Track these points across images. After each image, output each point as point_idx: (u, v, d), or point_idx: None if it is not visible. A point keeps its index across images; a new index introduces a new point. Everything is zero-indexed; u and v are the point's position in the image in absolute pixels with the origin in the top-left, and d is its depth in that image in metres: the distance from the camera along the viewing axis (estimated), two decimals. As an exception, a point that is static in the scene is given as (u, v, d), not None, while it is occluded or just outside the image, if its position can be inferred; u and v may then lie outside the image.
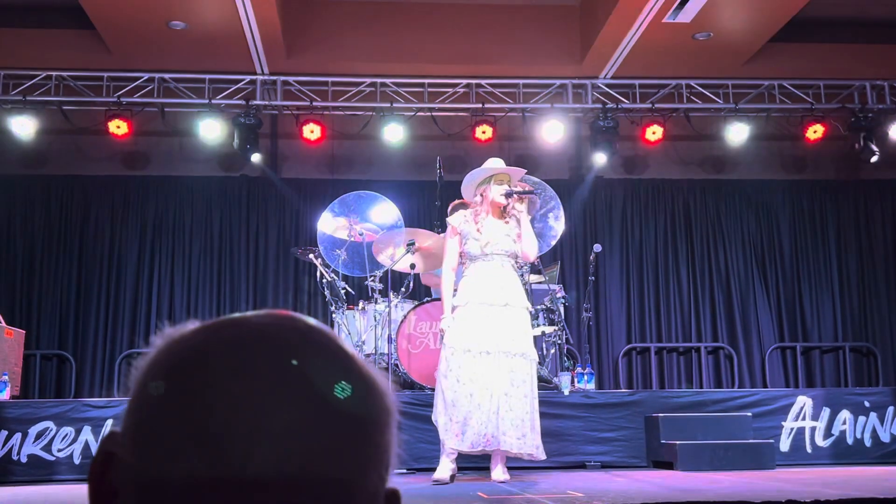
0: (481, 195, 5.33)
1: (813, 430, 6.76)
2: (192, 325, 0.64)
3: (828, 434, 6.78)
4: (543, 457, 5.14)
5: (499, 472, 5.09)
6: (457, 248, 5.33)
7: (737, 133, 9.34)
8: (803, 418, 6.77)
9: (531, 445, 5.02)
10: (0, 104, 8.85)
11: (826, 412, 6.80)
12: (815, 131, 9.36)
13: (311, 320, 0.65)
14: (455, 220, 5.37)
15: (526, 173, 5.72)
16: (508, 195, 5.28)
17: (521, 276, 7.06)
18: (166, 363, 0.61)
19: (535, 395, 5.15)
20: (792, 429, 6.74)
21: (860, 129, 9.24)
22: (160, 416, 0.58)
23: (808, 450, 6.72)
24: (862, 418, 6.82)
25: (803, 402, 6.81)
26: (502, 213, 5.32)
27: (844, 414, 6.81)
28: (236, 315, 0.64)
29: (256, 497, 0.56)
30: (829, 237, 10.15)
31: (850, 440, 6.78)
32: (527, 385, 5.06)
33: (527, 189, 5.45)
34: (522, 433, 4.98)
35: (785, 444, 6.69)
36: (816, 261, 10.09)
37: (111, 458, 0.61)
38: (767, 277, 9.99)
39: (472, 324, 5.11)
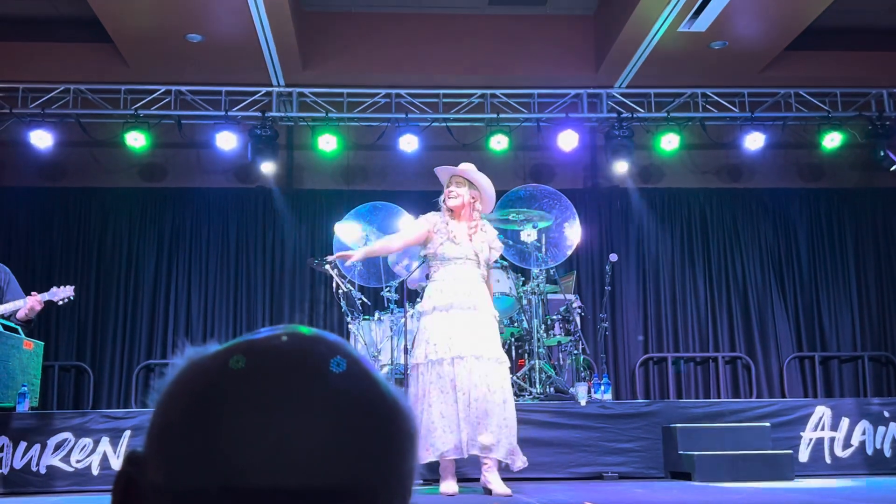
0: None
1: (832, 440, 6.71)
2: (213, 346, 0.64)
3: (847, 444, 6.72)
4: (519, 465, 5.03)
5: (498, 485, 5.01)
6: (421, 235, 5.24)
7: (753, 141, 9.30)
8: (822, 428, 6.72)
9: (508, 451, 4.96)
10: (19, 117, 8.93)
11: (845, 422, 6.74)
12: (832, 139, 9.32)
13: (335, 341, 0.64)
14: (433, 217, 5.29)
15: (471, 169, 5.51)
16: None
17: (537, 283, 7.07)
18: (189, 390, 0.61)
19: (511, 398, 5.10)
20: (811, 439, 6.69)
21: (878, 136, 9.18)
22: (186, 444, 0.58)
23: (828, 460, 6.66)
24: (882, 428, 6.76)
25: (822, 412, 6.76)
26: (457, 215, 5.26)
27: (864, 424, 6.76)
28: (260, 337, 0.64)
29: None
30: (846, 246, 10.09)
31: (869, 450, 6.72)
32: (508, 389, 5.04)
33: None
34: (497, 438, 4.91)
35: (804, 455, 6.64)
36: (834, 270, 10.02)
37: (133, 481, 0.61)
38: (785, 286, 9.94)
39: (439, 331, 5.04)
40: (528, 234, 6.80)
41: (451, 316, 5.06)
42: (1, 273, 5.69)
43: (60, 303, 5.59)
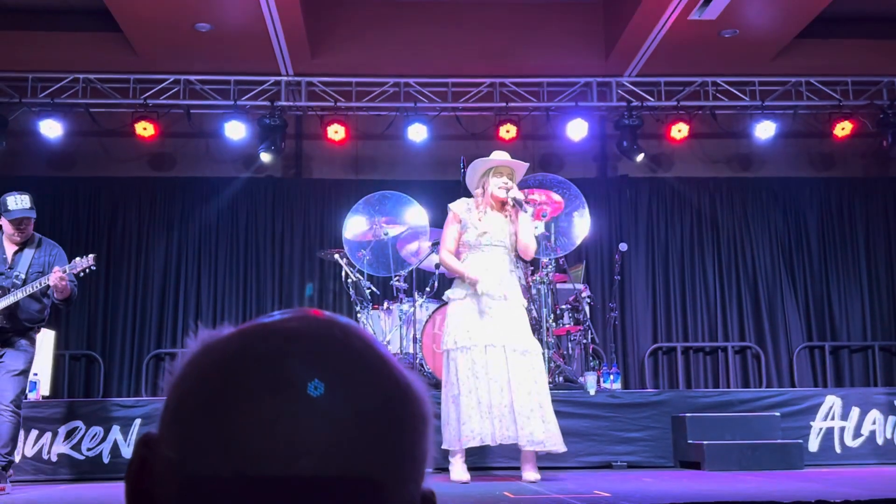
0: (482, 187, 5.32)
1: (842, 430, 6.69)
2: (226, 329, 0.64)
3: (857, 434, 6.71)
4: (563, 449, 5.08)
5: (530, 473, 5.07)
6: (456, 233, 5.28)
7: (763, 130, 9.26)
8: (832, 418, 6.71)
9: (548, 438, 4.98)
10: (28, 107, 8.94)
11: (855, 412, 6.73)
12: (843, 128, 9.26)
13: (348, 324, 0.64)
14: (457, 206, 5.33)
15: (528, 167, 5.61)
16: (509, 194, 5.28)
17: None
18: (203, 373, 0.61)
19: (546, 385, 5.15)
20: (821, 429, 6.67)
21: (889, 125, 9.13)
22: (199, 428, 0.58)
23: (838, 450, 6.65)
24: (892, 418, 6.74)
25: (832, 401, 6.75)
26: (502, 206, 5.31)
27: (874, 414, 6.74)
28: (272, 321, 0.63)
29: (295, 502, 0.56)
30: (857, 235, 10.04)
31: (879, 440, 6.71)
32: (532, 379, 5.03)
33: (521, 198, 5.35)
34: (532, 428, 4.94)
35: (814, 445, 6.63)
36: (845, 259, 9.98)
37: (147, 464, 0.61)
38: (795, 276, 9.90)
39: (471, 318, 5.09)
40: (535, 228, 6.79)
41: (483, 303, 5.09)
42: (54, 249, 5.75)
43: (82, 274, 5.64)
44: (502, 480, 5.32)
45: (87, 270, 5.61)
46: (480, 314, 5.09)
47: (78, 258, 5.60)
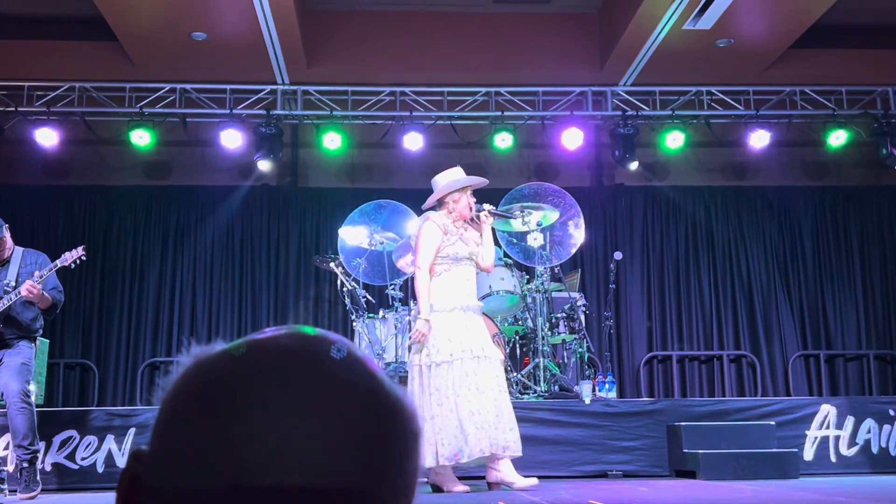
0: (454, 202, 5.34)
1: (837, 438, 6.70)
2: (219, 346, 0.64)
3: (852, 443, 6.71)
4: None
5: (519, 478, 5.07)
6: (437, 247, 5.22)
7: (758, 139, 9.28)
8: (827, 427, 6.71)
9: (519, 443, 5.10)
10: (24, 115, 8.94)
11: (850, 421, 6.74)
12: (837, 137, 9.29)
13: (339, 340, 0.64)
14: (440, 219, 5.29)
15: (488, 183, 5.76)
16: (479, 211, 5.41)
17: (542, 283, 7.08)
18: (195, 389, 0.61)
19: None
20: (816, 437, 6.68)
21: (883, 134, 9.16)
22: (191, 442, 0.59)
23: (833, 459, 6.65)
24: (887, 427, 6.75)
25: (827, 410, 6.75)
26: (470, 222, 5.44)
27: (869, 422, 6.75)
28: (264, 337, 0.64)
29: None
30: (852, 244, 10.06)
31: (874, 449, 6.71)
32: (500, 386, 5.11)
33: (500, 212, 5.67)
34: (516, 436, 5.06)
35: (809, 453, 6.64)
36: (839, 268, 10.00)
37: (138, 479, 0.62)
38: (790, 285, 9.92)
39: (458, 329, 5.11)
40: (535, 239, 6.81)
41: (467, 317, 5.13)
42: (39, 257, 5.78)
43: (73, 266, 5.68)
44: (494, 490, 5.30)
45: (79, 261, 5.67)
46: (464, 326, 5.13)
47: (67, 252, 5.65)
